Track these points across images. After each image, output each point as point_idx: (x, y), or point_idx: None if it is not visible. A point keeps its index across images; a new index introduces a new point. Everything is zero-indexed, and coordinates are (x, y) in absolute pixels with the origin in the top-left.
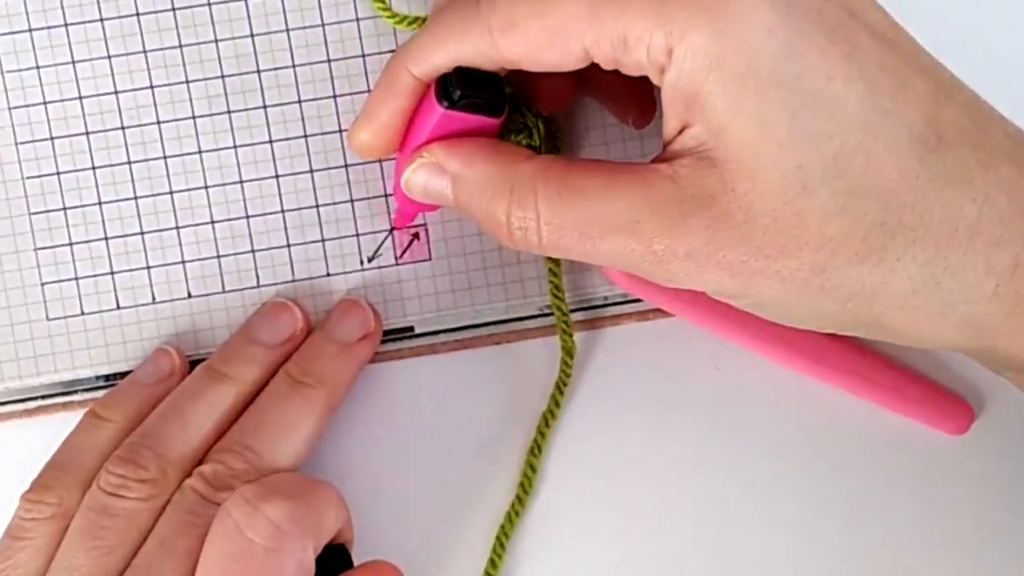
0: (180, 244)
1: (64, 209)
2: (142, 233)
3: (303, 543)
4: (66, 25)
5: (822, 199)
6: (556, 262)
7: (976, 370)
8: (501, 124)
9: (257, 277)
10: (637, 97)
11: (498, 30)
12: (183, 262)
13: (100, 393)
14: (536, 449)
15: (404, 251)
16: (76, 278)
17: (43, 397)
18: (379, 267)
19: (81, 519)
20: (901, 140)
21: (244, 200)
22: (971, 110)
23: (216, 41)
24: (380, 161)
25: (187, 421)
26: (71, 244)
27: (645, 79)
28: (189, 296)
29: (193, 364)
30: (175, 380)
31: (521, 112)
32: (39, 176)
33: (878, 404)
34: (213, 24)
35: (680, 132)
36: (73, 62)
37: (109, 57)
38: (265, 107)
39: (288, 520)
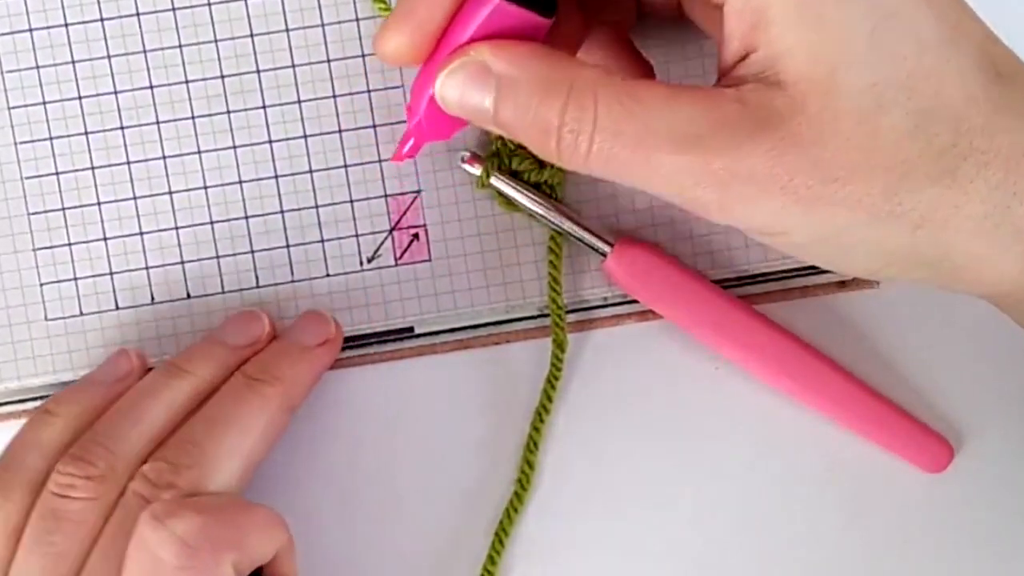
0: (179, 245)
1: (63, 209)
2: (141, 234)
3: (216, 558)
4: (66, 25)
5: (896, 118)
6: (557, 254)
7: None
8: (548, 28)
9: (256, 278)
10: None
11: None
12: (182, 263)
13: None
14: (532, 446)
15: (404, 251)
16: (75, 279)
17: (42, 398)
18: (379, 267)
19: (33, 525)
20: (967, 68)
21: (243, 200)
22: (1012, 54)
23: (216, 41)
24: (380, 162)
25: (140, 416)
26: (70, 245)
27: None
28: (188, 297)
29: None
30: (132, 381)
31: None
32: (38, 176)
33: (859, 433)
34: (213, 24)
35: (743, 58)
36: (73, 62)
37: (109, 57)
38: (265, 107)
39: (196, 535)
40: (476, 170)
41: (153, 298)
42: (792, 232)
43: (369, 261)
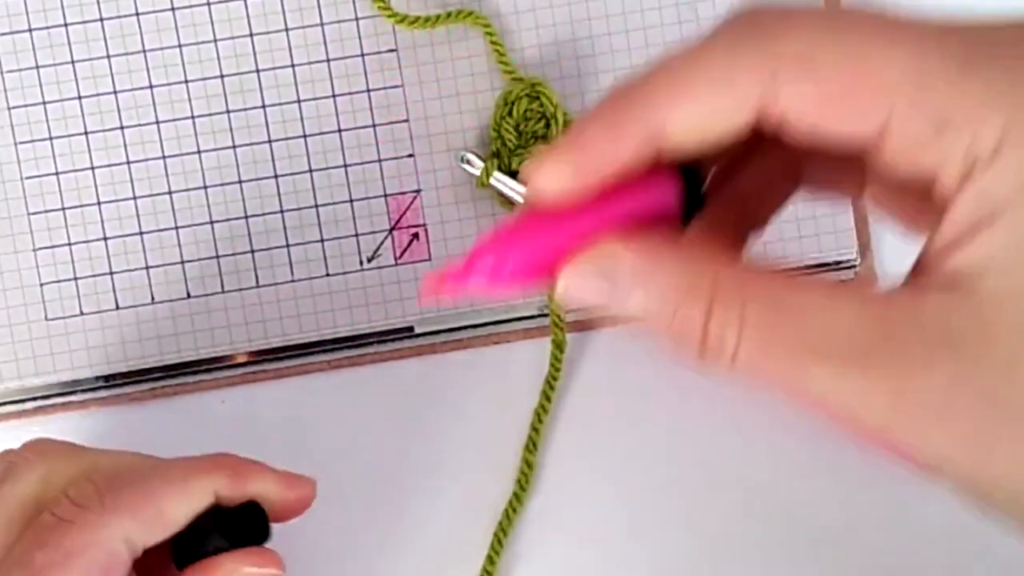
0: (179, 244)
1: (63, 209)
2: (141, 233)
3: (104, 519)
4: (66, 25)
5: None
6: None
7: None
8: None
9: (256, 277)
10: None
11: (790, 67)
12: (182, 262)
13: (99, 394)
14: (531, 445)
15: (404, 251)
16: (75, 278)
17: (42, 398)
18: (379, 267)
19: None
20: None
21: (243, 200)
22: None
23: (215, 41)
24: (380, 161)
25: None
26: (70, 244)
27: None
28: (188, 296)
29: (191, 364)
30: None
31: (540, 102)
32: (38, 176)
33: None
34: (212, 24)
35: (951, 250)
36: (72, 62)
37: (108, 57)
38: (264, 107)
39: (86, 495)
40: (476, 170)
41: (153, 298)
42: (961, 468)
43: (369, 261)
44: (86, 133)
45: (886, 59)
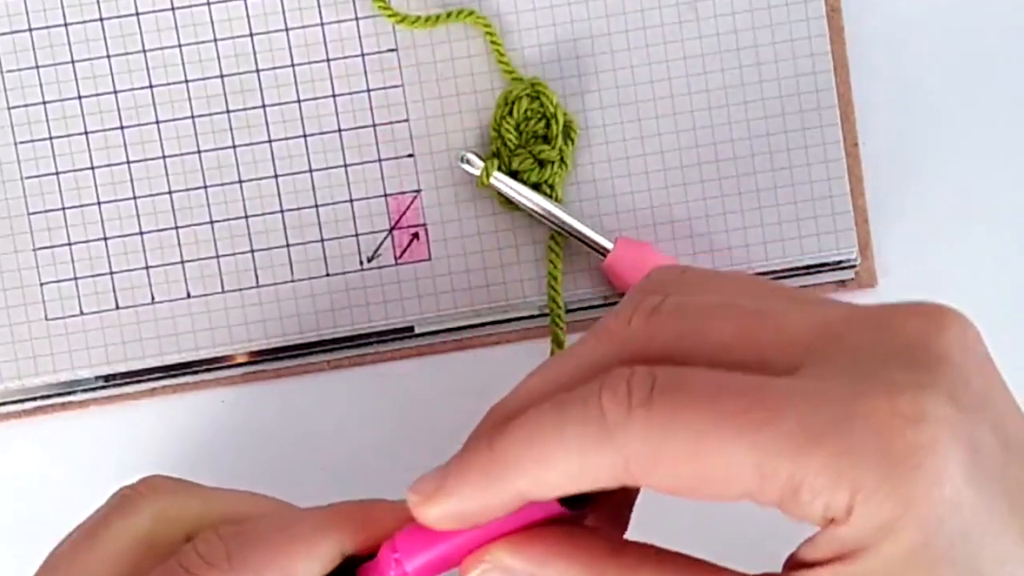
0: (179, 244)
1: (63, 209)
2: (141, 233)
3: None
4: (66, 25)
5: None
6: (557, 254)
7: None
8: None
9: (256, 277)
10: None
11: (638, 465)
12: (182, 262)
13: (99, 393)
14: None
15: (404, 251)
16: (75, 278)
17: (42, 397)
18: (379, 267)
19: None
20: None
21: (243, 200)
22: None
23: (215, 41)
24: (380, 161)
25: None
26: (70, 244)
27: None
28: (188, 296)
29: (191, 364)
30: None
31: (540, 102)
32: (38, 176)
33: None
34: (212, 23)
35: (817, 565)
36: (72, 62)
37: (108, 57)
38: (264, 107)
39: (214, 554)
40: (476, 170)
41: (153, 297)
42: None
43: (369, 261)
44: (86, 133)
45: (727, 455)
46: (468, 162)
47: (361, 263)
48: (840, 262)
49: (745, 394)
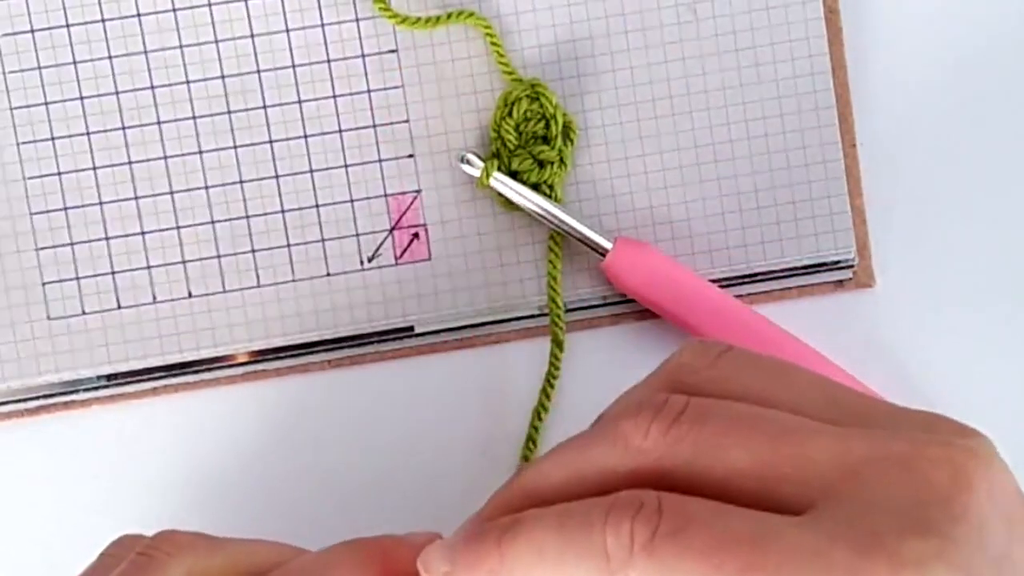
0: (181, 244)
1: (65, 209)
2: (143, 233)
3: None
4: (68, 26)
5: None
6: (556, 253)
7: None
8: None
9: (257, 277)
10: None
11: None
12: (184, 262)
13: (101, 393)
14: (531, 445)
15: (404, 251)
16: (77, 278)
17: (44, 396)
18: (379, 267)
19: None
20: None
21: (244, 200)
22: None
23: (216, 41)
24: (380, 161)
25: None
26: (72, 244)
27: None
28: (190, 296)
29: (192, 364)
30: None
31: (540, 103)
32: (40, 176)
33: None
34: (213, 24)
35: None
36: (74, 62)
37: (110, 57)
38: (265, 107)
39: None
40: (476, 170)
41: (155, 297)
42: None
43: (369, 260)
44: (88, 133)
45: None
46: (468, 163)
47: (361, 263)
48: (838, 262)
49: (747, 547)
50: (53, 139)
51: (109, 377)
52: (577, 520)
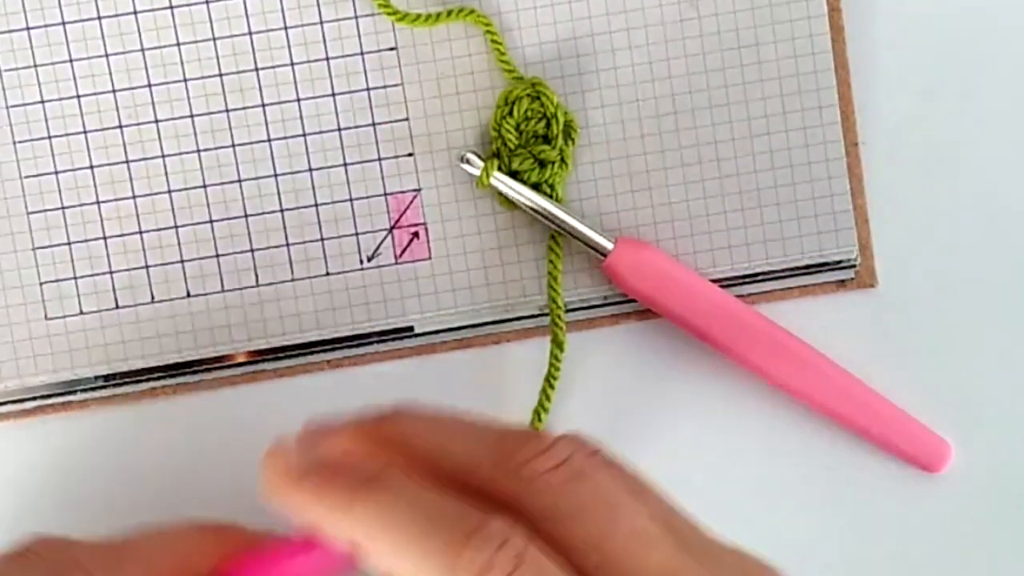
0: (179, 243)
1: (62, 208)
2: (140, 232)
3: None
4: (63, 23)
5: None
6: (557, 253)
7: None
8: None
9: (256, 276)
10: None
11: None
12: (182, 261)
13: (99, 393)
14: None
15: (403, 250)
16: (74, 277)
17: (42, 397)
18: (378, 266)
19: None
20: None
21: (242, 199)
22: None
23: (214, 39)
24: (380, 160)
25: None
26: (69, 243)
27: None
28: (188, 295)
29: (191, 364)
30: None
31: (541, 102)
32: (37, 175)
33: (858, 433)
34: (211, 22)
35: None
36: (71, 60)
37: (106, 55)
38: (263, 106)
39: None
40: (476, 170)
41: (153, 297)
42: None
43: (369, 260)
44: (84, 132)
45: None
46: (468, 162)
47: (361, 262)
48: (840, 262)
49: None
50: (50, 138)
51: (107, 377)
52: (444, 523)
